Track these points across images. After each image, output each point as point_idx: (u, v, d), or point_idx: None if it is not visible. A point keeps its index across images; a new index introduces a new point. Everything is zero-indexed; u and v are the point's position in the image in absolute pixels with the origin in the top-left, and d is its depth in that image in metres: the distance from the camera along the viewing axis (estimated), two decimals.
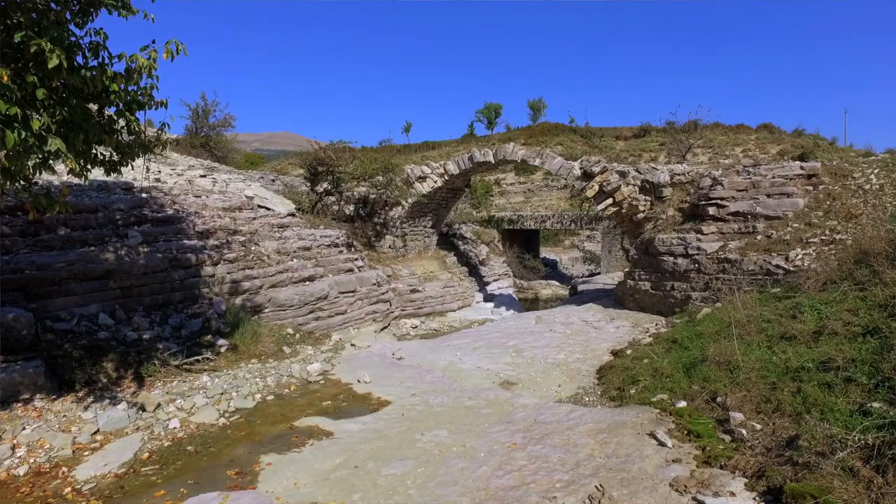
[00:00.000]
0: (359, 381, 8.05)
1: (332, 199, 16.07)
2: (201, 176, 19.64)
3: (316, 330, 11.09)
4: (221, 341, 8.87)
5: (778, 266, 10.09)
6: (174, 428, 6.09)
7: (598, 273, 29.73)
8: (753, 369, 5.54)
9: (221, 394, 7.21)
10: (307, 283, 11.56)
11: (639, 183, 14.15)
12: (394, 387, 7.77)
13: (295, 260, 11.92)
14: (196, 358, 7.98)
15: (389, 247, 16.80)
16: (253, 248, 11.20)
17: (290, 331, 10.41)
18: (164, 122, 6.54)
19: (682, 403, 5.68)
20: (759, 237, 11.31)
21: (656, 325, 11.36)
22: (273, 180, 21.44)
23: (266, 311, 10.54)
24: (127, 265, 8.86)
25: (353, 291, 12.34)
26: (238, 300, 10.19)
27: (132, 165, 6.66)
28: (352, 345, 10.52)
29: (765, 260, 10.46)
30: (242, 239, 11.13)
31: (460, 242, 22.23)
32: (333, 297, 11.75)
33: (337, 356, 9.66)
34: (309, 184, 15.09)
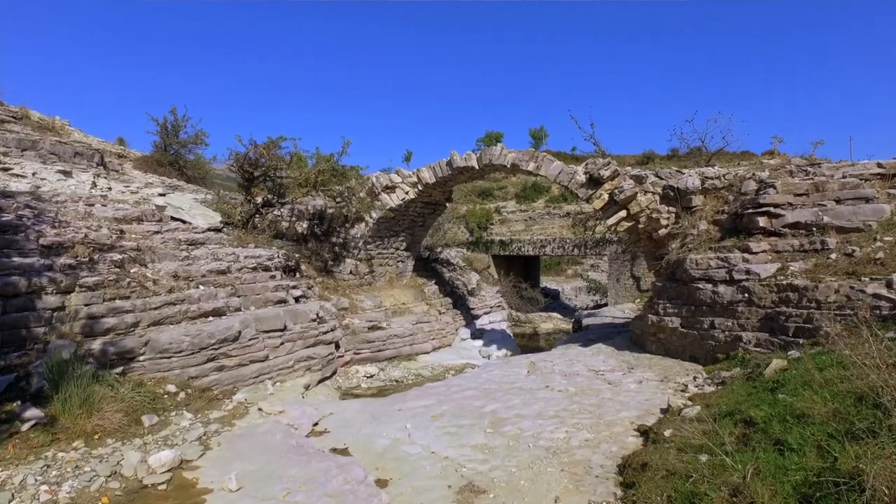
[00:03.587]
0: (223, 487, 4.84)
1: (280, 212, 13.06)
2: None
3: (216, 385, 7.89)
4: (31, 412, 5.70)
5: (878, 296, 6.92)
6: None
7: (605, 304, 26.52)
8: None
9: None
10: (210, 318, 8.42)
11: (659, 190, 11.11)
12: (272, 502, 4.55)
13: (201, 287, 8.81)
14: None
15: (350, 272, 13.68)
16: (133, 271, 8.11)
17: (171, 388, 7.23)
18: None
19: None
20: (833, 255, 8.18)
21: (695, 378, 8.13)
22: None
23: (141, 359, 7.38)
24: None
25: (280, 330, 9.16)
26: (95, 344, 7.05)
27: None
28: (259, 409, 7.31)
29: (852, 287, 7.30)
30: (119, 258, 8.04)
31: (445, 269, 19.11)
32: (249, 337, 8.58)
33: (224, 431, 6.45)
34: (243, 192, 12.10)
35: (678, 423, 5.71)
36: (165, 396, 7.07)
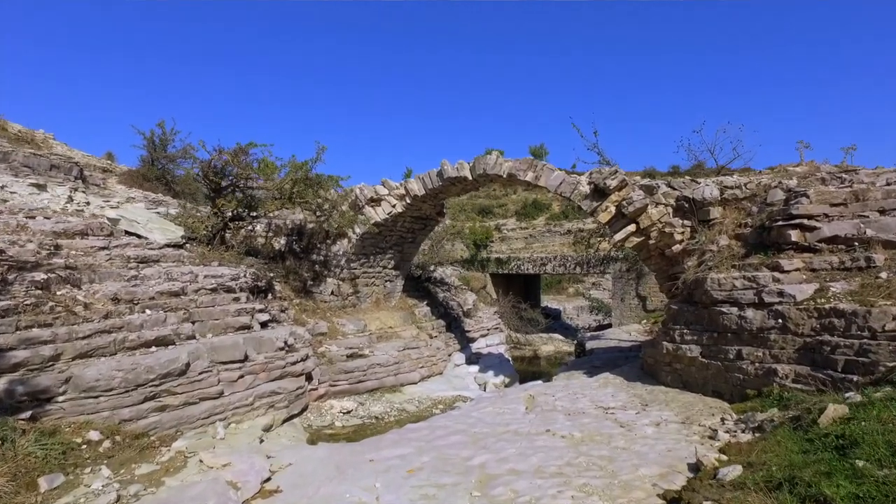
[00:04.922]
0: None
1: (254, 227, 11.90)
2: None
3: (154, 429, 6.64)
4: None
5: None
6: None
7: (609, 325, 25.23)
8: None
9: None
10: (153, 348, 7.21)
11: (672, 202, 9.96)
12: None
13: (147, 311, 7.61)
14: None
15: (332, 293, 12.47)
16: (61, 293, 6.92)
17: (93, 436, 5.99)
18: None
19: None
20: (882, 275, 6.98)
21: (723, 421, 6.87)
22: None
23: (59, 399, 6.16)
24: None
25: (240, 361, 7.93)
26: None
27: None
28: (200, 461, 6.04)
29: None
30: (43, 278, 6.86)
31: (439, 289, 17.90)
32: (200, 370, 7.34)
33: (145, 495, 5.18)
34: (209, 204, 10.96)
35: (715, 489, 4.45)
36: (84, 447, 5.82)
